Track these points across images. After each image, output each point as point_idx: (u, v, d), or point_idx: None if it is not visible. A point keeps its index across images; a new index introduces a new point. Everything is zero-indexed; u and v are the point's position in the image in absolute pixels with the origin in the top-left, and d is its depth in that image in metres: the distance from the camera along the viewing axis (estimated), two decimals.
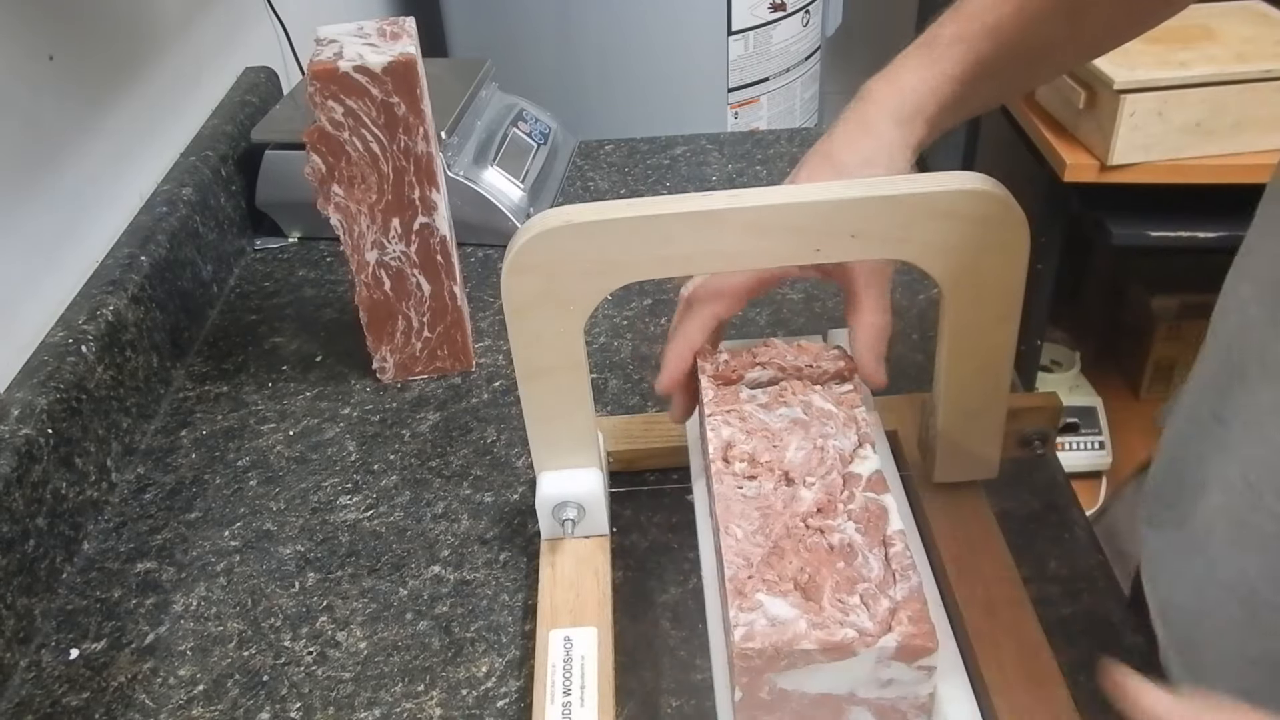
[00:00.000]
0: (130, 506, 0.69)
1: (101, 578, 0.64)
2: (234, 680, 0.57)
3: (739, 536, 0.46)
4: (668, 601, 0.59)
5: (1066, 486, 0.64)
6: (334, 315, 0.85)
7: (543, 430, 0.56)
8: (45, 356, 0.68)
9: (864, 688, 0.43)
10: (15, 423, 0.62)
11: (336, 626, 0.59)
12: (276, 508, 0.68)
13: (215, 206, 0.90)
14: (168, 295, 0.80)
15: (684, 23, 1.38)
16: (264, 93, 1.03)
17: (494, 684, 0.56)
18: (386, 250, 0.72)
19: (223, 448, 0.73)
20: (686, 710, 0.53)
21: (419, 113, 0.68)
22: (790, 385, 0.54)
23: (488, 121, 0.97)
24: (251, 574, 0.63)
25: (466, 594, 0.61)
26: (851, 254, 0.50)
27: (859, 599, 0.43)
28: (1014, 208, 0.49)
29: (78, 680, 0.58)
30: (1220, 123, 1.37)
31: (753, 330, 0.79)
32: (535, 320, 0.51)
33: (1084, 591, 0.58)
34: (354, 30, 0.70)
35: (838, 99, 0.68)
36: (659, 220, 0.48)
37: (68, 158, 0.76)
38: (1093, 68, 1.35)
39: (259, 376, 0.79)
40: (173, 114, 0.92)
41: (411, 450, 0.71)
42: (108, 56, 0.82)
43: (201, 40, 0.97)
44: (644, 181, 1.02)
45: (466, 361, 0.78)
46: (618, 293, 0.82)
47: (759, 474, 0.49)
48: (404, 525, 0.66)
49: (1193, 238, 1.45)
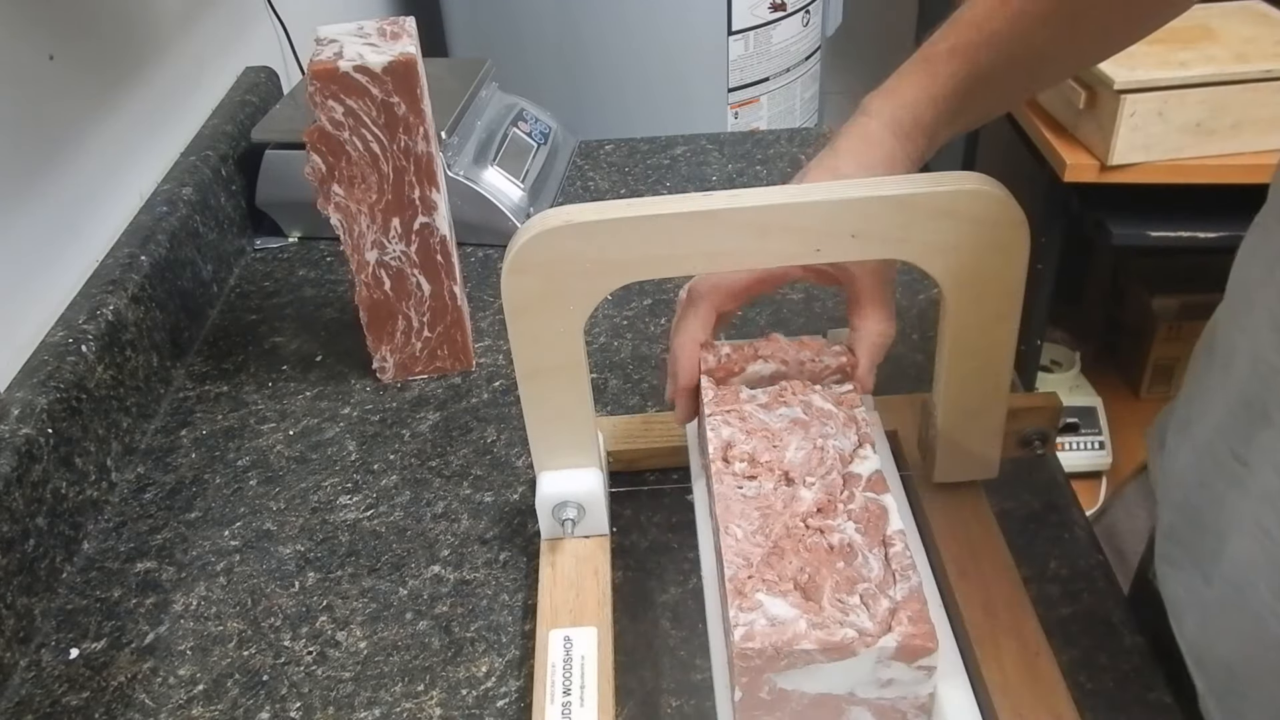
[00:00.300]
0: (130, 506, 0.69)
1: (101, 577, 0.64)
2: (234, 680, 0.57)
3: (739, 536, 0.46)
4: (668, 601, 0.59)
5: (1066, 486, 0.64)
6: (334, 315, 0.85)
7: (543, 430, 0.56)
8: (45, 356, 0.68)
9: (864, 688, 0.43)
10: (15, 422, 0.62)
11: (336, 626, 0.59)
12: (276, 507, 0.68)
13: (215, 206, 0.90)
14: (168, 295, 0.80)
15: (684, 23, 1.38)
16: (264, 92, 1.03)
17: (494, 684, 0.56)
18: (386, 250, 0.72)
19: (223, 447, 0.73)
20: (686, 710, 0.53)
21: (419, 112, 0.68)
22: (790, 385, 0.54)
23: (488, 121, 0.97)
24: (251, 574, 0.63)
25: (466, 594, 0.61)
26: (851, 254, 0.50)
27: (859, 599, 0.43)
28: (1014, 208, 0.49)
29: (78, 680, 0.58)
30: (1220, 123, 1.37)
31: (753, 330, 0.79)
32: (535, 320, 0.51)
33: (1084, 591, 0.58)
34: (354, 30, 0.70)
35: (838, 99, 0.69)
36: (659, 220, 0.48)
37: (68, 157, 0.76)
38: (1093, 68, 1.36)
39: (259, 376, 0.79)
40: (173, 114, 0.92)
41: (411, 450, 0.71)
42: (108, 56, 0.82)
43: (202, 40, 0.97)
44: (644, 181, 1.02)
45: (466, 361, 0.78)
46: (618, 293, 0.82)
47: (759, 474, 0.49)
48: (404, 525, 0.66)
49: (1193, 238, 1.45)
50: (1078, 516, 0.62)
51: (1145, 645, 0.55)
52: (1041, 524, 0.62)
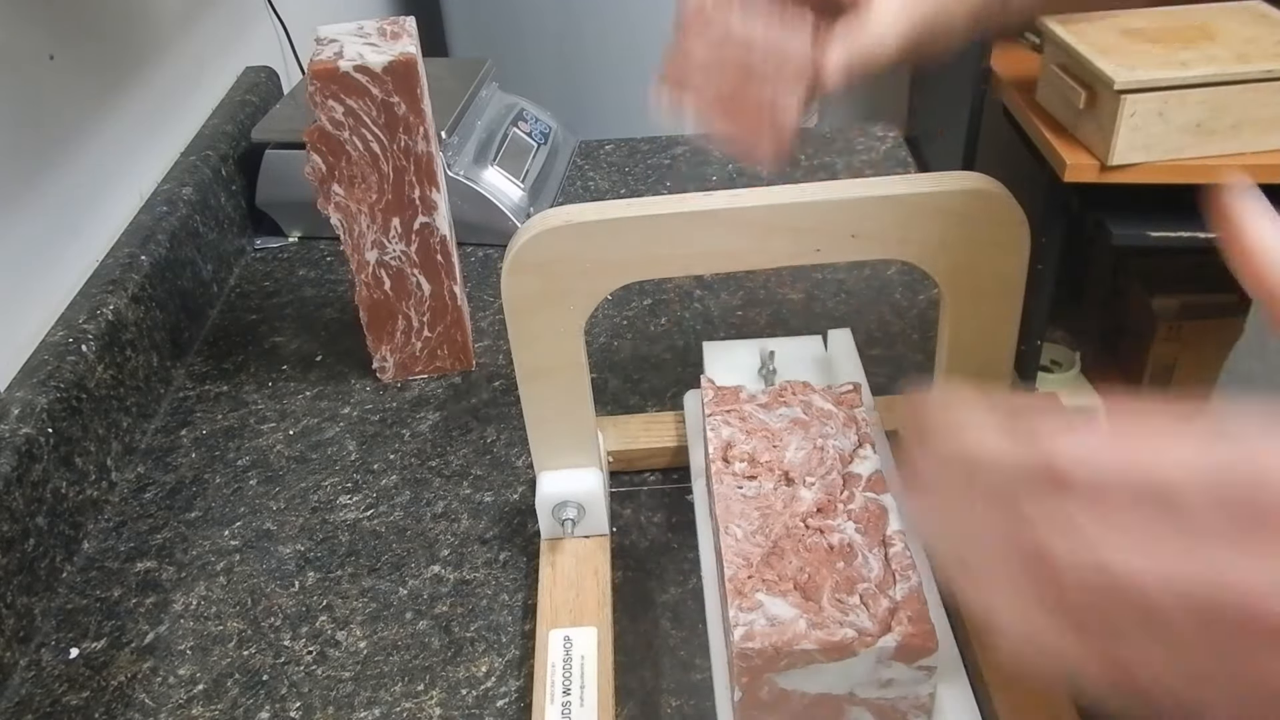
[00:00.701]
0: (130, 506, 0.69)
1: (101, 577, 0.64)
2: (234, 679, 0.57)
3: (739, 536, 0.46)
4: (668, 601, 0.59)
5: None
6: (334, 315, 0.85)
7: (543, 430, 0.56)
8: (45, 356, 0.68)
9: (864, 688, 0.43)
10: (15, 422, 0.62)
11: (336, 626, 0.59)
12: (276, 507, 0.68)
13: (215, 206, 0.90)
14: (168, 295, 0.80)
15: None
16: (264, 92, 1.03)
17: (494, 684, 0.56)
18: (387, 250, 0.72)
19: (223, 447, 0.73)
20: (686, 710, 0.53)
21: (419, 112, 0.68)
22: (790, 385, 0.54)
23: (488, 121, 0.97)
24: (251, 573, 0.63)
25: (466, 594, 0.61)
26: (852, 254, 0.50)
27: (859, 599, 0.43)
28: (1014, 208, 0.49)
29: (78, 679, 0.58)
30: (1220, 123, 1.37)
31: (753, 330, 0.80)
32: (535, 320, 0.51)
33: None
34: (354, 30, 0.70)
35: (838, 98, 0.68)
36: (659, 220, 0.48)
37: (68, 157, 0.76)
38: (1093, 68, 1.35)
39: (259, 376, 0.79)
40: (173, 113, 0.92)
41: (411, 450, 0.71)
42: (108, 56, 0.82)
43: (202, 40, 0.97)
44: (644, 181, 1.02)
45: (466, 361, 0.78)
46: (618, 293, 0.82)
47: (759, 474, 0.49)
48: (404, 525, 0.66)
49: (1193, 238, 1.45)
50: None
51: None
52: None
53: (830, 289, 0.83)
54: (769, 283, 0.85)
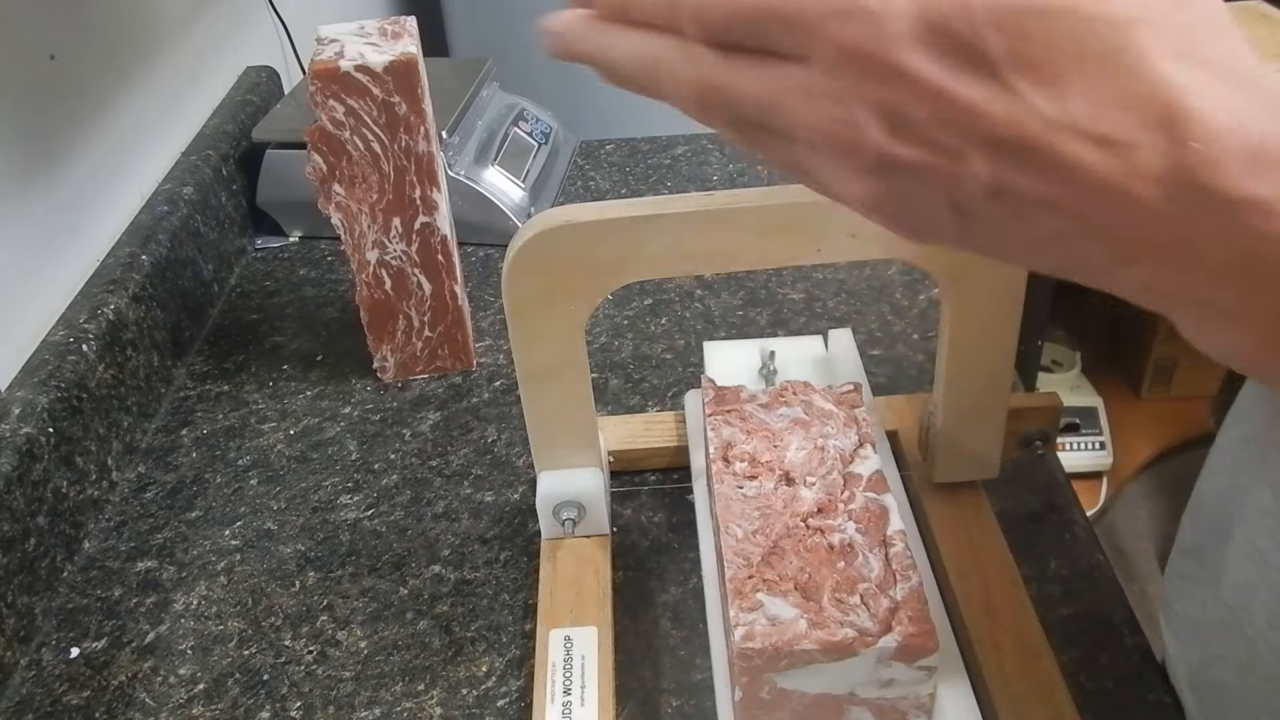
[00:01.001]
0: (131, 505, 0.69)
1: (102, 576, 0.64)
2: (234, 679, 0.57)
3: (739, 536, 0.46)
4: (668, 601, 0.59)
5: (1066, 486, 0.64)
6: (335, 314, 0.85)
7: (543, 430, 0.56)
8: (46, 355, 0.68)
9: (864, 688, 0.43)
10: (16, 421, 0.62)
11: (337, 626, 0.59)
12: (277, 507, 0.68)
13: (216, 206, 0.90)
14: (169, 294, 0.80)
15: None
16: (265, 92, 1.03)
17: (494, 683, 0.56)
18: (387, 250, 0.72)
19: (223, 447, 0.73)
20: (686, 710, 0.53)
21: (420, 112, 0.68)
22: (791, 385, 0.54)
23: (489, 121, 0.97)
24: (252, 573, 0.63)
25: (467, 593, 0.61)
26: (852, 254, 0.50)
27: (859, 599, 0.43)
28: None
29: (78, 679, 0.58)
30: None
31: (753, 330, 0.80)
32: (535, 320, 0.52)
33: (1084, 591, 0.58)
34: (355, 29, 0.70)
35: None
36: (659, 220, 0.48)
37: (68, 157, 0.76)
38: None
39: (260, 375, 0.79)
40: (174, 113, 0.92)
41: (412, 449, 0.71)
42: (108, 56, 0.82)
43: (202, 39, 0.97)
44: (645, 181, 1.02)
45: (467, 361, 0.78)
46: (618, 293, 0.83)
47: (759, 474, 0.49)
48: (404, 524, 0.66)
49: None
50: (1078, 516, 0.63)
51: (1145, 646, 0.55)
52: (1042, 524, 0.62)
53: (830, 289, 0.83)
54: (769, 283, 0.85)
